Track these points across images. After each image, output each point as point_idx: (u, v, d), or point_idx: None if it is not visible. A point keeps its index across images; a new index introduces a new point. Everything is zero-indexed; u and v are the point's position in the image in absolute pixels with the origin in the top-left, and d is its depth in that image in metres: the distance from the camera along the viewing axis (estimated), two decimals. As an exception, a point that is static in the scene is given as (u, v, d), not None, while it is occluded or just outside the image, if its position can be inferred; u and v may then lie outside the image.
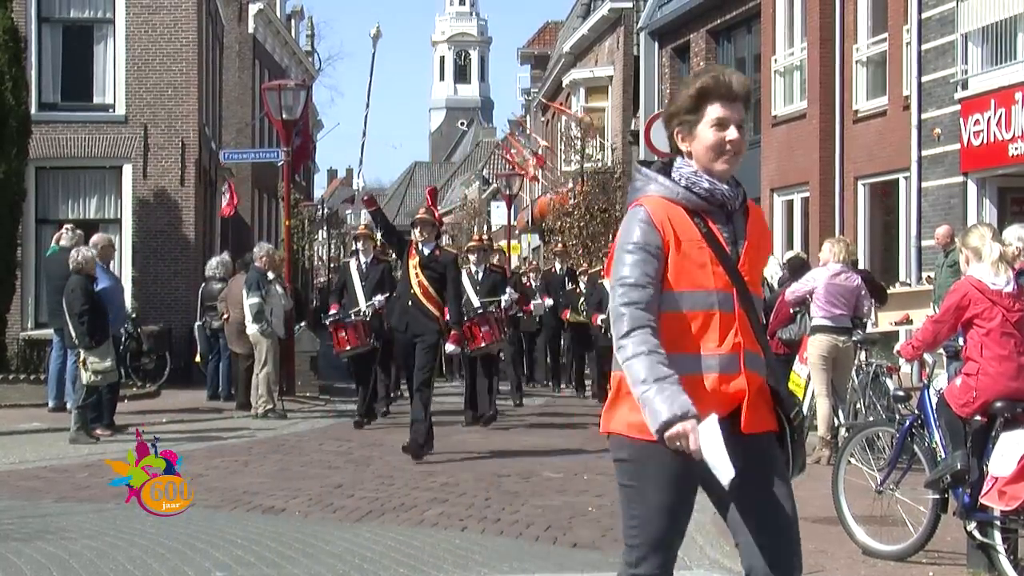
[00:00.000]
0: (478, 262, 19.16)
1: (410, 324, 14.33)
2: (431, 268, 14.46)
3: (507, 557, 8.99)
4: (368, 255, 18.28)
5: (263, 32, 48.59)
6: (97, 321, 15.68)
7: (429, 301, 14.40)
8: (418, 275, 14.41)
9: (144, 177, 28.29)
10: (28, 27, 27.48)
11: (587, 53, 45.95)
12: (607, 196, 37.41)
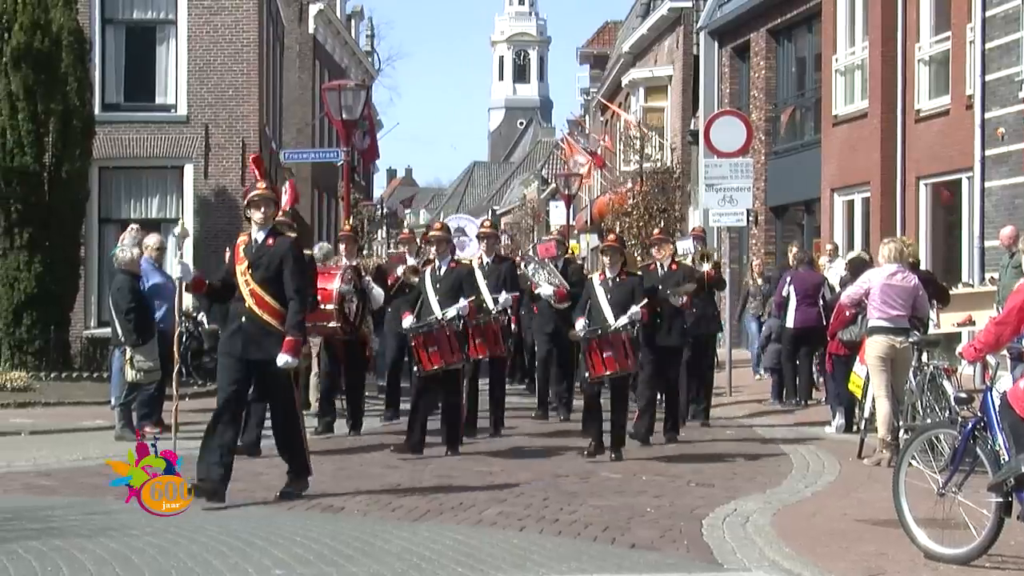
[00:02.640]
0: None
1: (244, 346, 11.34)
2: (260, 265, 11.37)
3: (565, 557, 8.97)
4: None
5: (323, 32, 48.73)
6: (143, 319, 15.82)
7: (266, 311, 11.34)
8: (248, 281, 11.37)
9: (205, 177, 28.49)
10: (92, 28, 27.73)
11: (646, 53, 45.81)
12: (666, 196, 37.28)
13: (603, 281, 14.71)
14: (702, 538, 9.77)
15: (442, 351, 14.40)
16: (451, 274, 15.00)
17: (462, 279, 15.03)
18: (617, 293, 14.48)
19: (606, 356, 14.05)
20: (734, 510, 10.95)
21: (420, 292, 15.13)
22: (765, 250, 31.97)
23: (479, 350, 15.90)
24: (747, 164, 23.18)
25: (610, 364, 14.06)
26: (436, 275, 15.01)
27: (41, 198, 23.64)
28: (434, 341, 14.42)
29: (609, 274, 14.72)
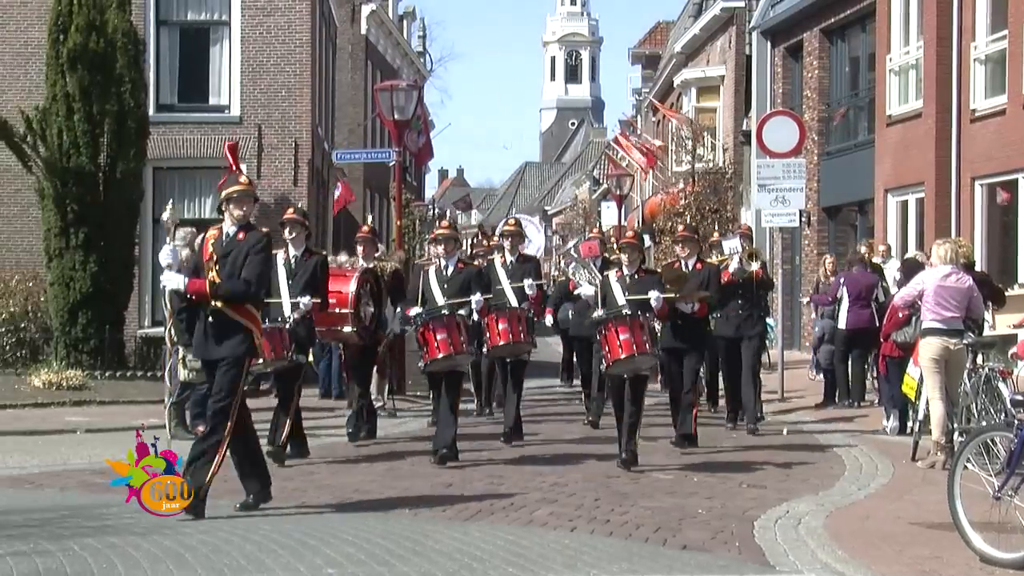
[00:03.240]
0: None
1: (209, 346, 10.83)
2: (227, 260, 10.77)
3: (616, 558, 8.96)
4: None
5: (375, 33, 48.86)
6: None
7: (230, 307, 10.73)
8: (214, 277, 10.76)
9: (258, 177, 28.55)
10: (146, 29, 27.92)
11: (698, 53, 45.70)
12: (718, 196, 37.18)
13: (620, 278, 14.27)
14: (754, 540, 9.74)
15: (452, 340, 13.84)
16: (459, 275, 14.57)
17: (471, 280, 14.57)
18: (634, 290, 14.06)
19: (623, 339, 13.49)
20: (786, 512, 10.91)
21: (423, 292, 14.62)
22: (817, 251, 31.80)
23: (503, 336, 15.19)
24: (800, 164, 23.09)
25: (626, 346, 13.45)
26: (443, 275, 14.58)
27: (96, 198, 23.80)
28: (443, 329, 13.88)
29: (627, 271, 14.33)
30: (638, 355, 13.52)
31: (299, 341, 14.20)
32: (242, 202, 10.96)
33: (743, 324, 17.50)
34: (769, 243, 29.59)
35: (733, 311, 17.42)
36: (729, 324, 17.52)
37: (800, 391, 22.20)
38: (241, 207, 10.93)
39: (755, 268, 17.65)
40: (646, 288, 13.93)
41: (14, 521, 10.13)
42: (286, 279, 14.32)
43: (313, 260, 14.47)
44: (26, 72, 27.98)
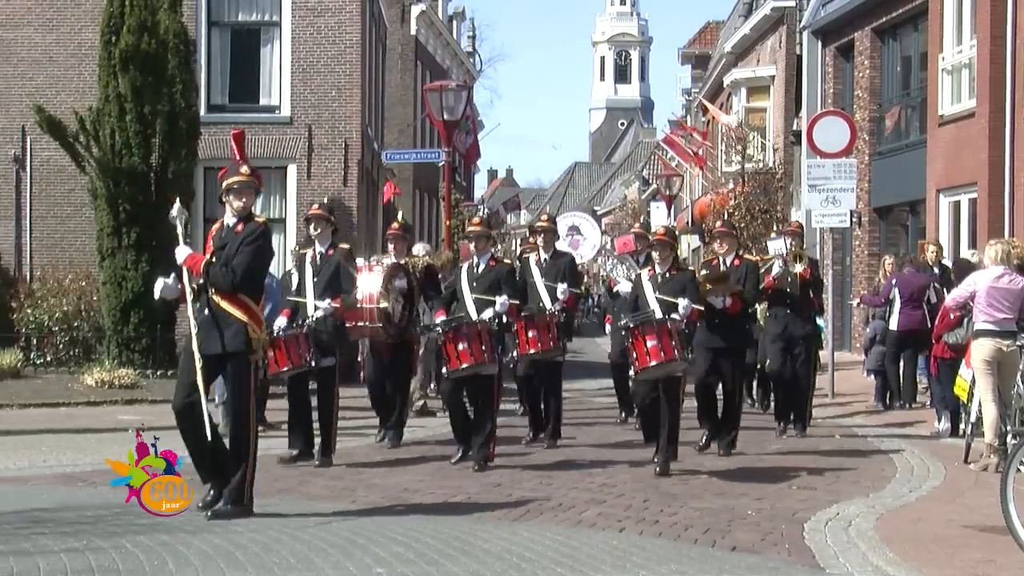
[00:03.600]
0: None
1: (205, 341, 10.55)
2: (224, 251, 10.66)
3: (665, 559, 8.95)
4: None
5: (425, 33, 48.96)
6: None
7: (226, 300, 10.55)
8: None
9: (308, 177, 28.75)
10: (198, 30, 28.10)
11: (749, 52, 45.57)
12: (768, 197, 37.00)
13: (652, 276, 13.80)
14: (804, 542, 9.70)
15: (473, 350, 13.41)
16: (489, 273, 14.07)
17: (501, 278, 14.02)
18: (666, 289, 13.57)
19: (650, 346, 13.00)
20: (836, 514, 10.87)
21: (454, 291, 14.37)
22: (868, 252, 31.65)
23: (531, 344, 14.74)
24: (851, 165, 22.98)
25: (654, 354, 12.95)
26: (473, 273, 14.16)
27: (148, 198, 23.94)
28: (464, 338, 13.46)
29: (659, 269, 13.81)
30: (667, 362, 13.03)
31: (321, 344, 13.90)
32: (242, 193, 10.74)
33: (791, 324, 16.99)
34: (819, 243, 29.43)
35: (781, 312, 17.05)
36: (777, 325, 17.19)
37: (851, 392, 22.10)
38: (241, 198, 10.72)
39: (799, 269, 17.07)
40: (678, 287, 13.54)
41: (68, 518, 10.22)
42: (312, 277, 14.06)
43: (337, 255, 14.16)
44: (79, 73, 28.23)
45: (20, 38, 28.91)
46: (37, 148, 27.52)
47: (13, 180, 28.43)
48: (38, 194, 28.01)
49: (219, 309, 10.44)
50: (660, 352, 12.97)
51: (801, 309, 17.14)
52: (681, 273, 13.92)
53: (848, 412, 20.30)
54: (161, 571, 8.18)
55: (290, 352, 13.67)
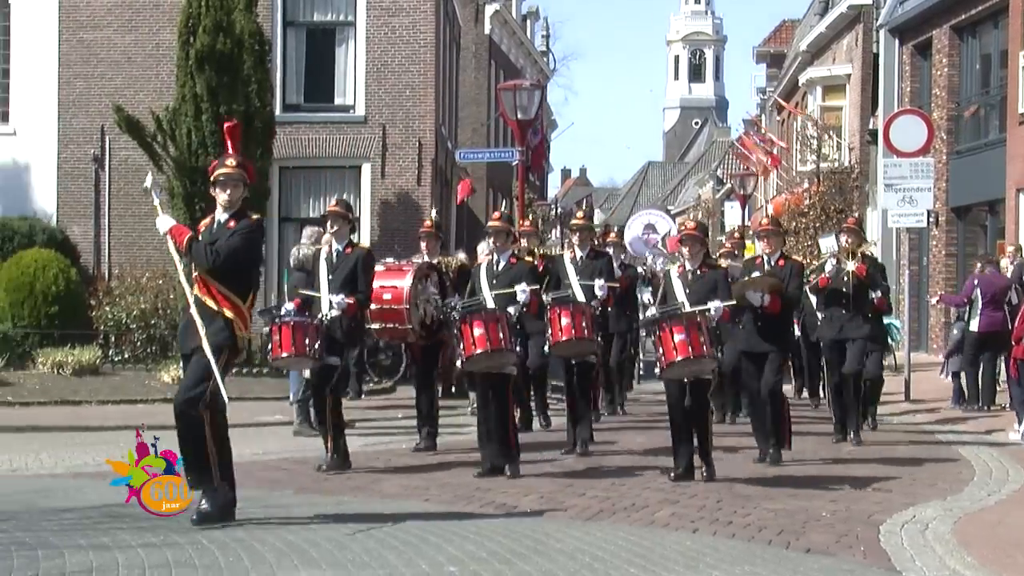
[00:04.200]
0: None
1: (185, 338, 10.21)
2: None
3: (739, 560, 8.91)
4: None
5: (499, 33, 49.02)
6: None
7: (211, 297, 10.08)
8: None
9: (382, 176, 28.88)
10: (273, 30, 28.29)
11: (824, 51, 45.27)
12: (844, 196, 36.78)
13: (682, 274, 13.14)
14: (879, 544, 9.62)
15: (491, 335, 12.58)
16: (509, 270, 13.51)
17: (523, 276, 13.40)
18: (696, 288, 12.91)
19: (678, 340, 12.27)
20: (913, 517, 10.77)
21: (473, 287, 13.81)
22: (946, 252, 31.36)
23: (565, 331, 13.81)
24: (928, 164, 22.80)
25: (682, 348, 12.25)
26: (493, 270, 13.62)
27: (223, 197, 24.07)
28: (481, 322, 12.66)
29: (689, 267, 13.13)
30: (694, 358, 12.37)
31: (333, 342, 13.30)
32: (228, 185, 10.18)
33: (847, 326, 16.17)
34: (896, 243, 29.21)
35: (837, 312, 16.28)
36: (832, 326, 16.36)
37: (928, 394, 21.91)
38: (227, 190, 10.17)
39: (851, 267, 16.18)
40: (709, 286, 12.90)
41: (145, 514, 10.31)
42: (327, 274, 13.51)
43: (354, 255, 13.53)
44: (157, 73, 28.52)
45: (100, 39, 29.24)
46: (116, 147, 27.85)
47: (92, 179, 28.80)
48: (116, 193, 28.33)
49: (206, 307, 9.89)
50: (688, 347, 12.30)
51: (859, 309, 16.30)
52: (712, 271, 13.30)
53: (925, 414, 20.13)
54: (236, 567, 8.25)
55: (296, 338, 12.82)
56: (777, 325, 14.29)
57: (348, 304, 13.17)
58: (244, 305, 10.06)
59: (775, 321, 14.21)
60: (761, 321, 14.11)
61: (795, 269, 14.67)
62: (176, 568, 8.15)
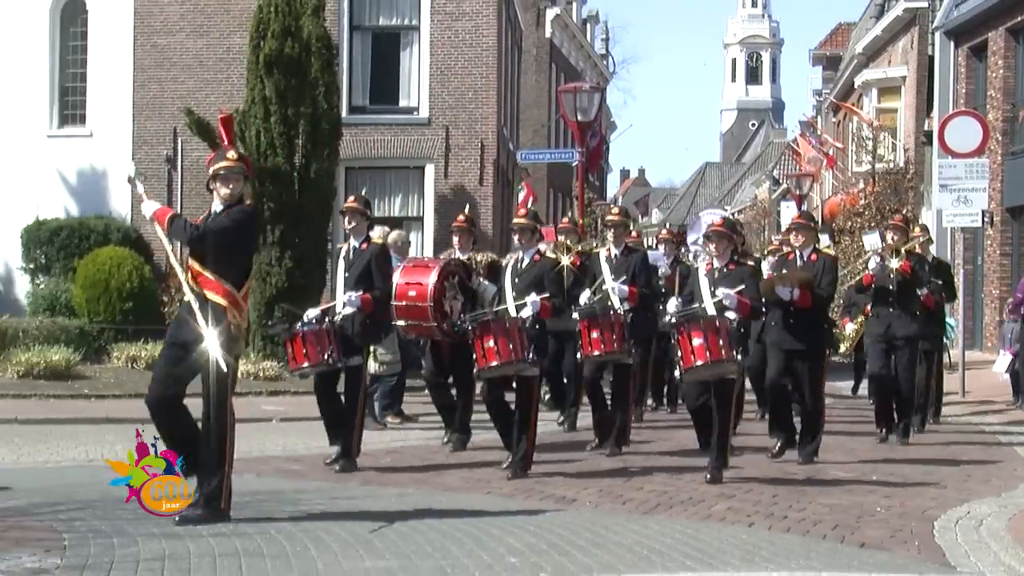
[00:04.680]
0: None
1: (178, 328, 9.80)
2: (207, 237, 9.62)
3: (794, 554, 8.87)
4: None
5: (560, 36, 49.02)
6: (383, 313, 15.45)
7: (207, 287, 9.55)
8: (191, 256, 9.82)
9: (445, 176, 28.95)
10: (340, 35, 28.44)
11: (880, 53, 44.97)
12: (898, 197, 36.54)
13: (708, 272, 12.54)
14: (934, 540, 9.54)
15: (500, 347, 12.08)
16: (532, 268, 12.89)
17: (544, 274, 12.82)
18: (723, 284, 12.22)
19: (696, 345, 11.77)
20: (967, 512, 10.67)
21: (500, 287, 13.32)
22: (1000, 251, 31.07)
23: (595, 345, 13.41)
24: (983, 164, 22.59)
25: (700, 353, 11.75)
26: (517, 268, 13.03)
27: (291, 197, 24.22)
28: (491, 335, 12.13)
29: (716, 264, 12.53)
30: (712, 363, 11.82)
31: (349, 341, 12.82)
32: (229, 179, 9.68)
33: (894, 323, 15.54)
34: (950, 243, 28.95)
35: (884, 310, 15.73)
36: (880, 323, 15.73)
37: (983, 391, 21.70)
38: (228, 185, 9.68)
39: (895, 265, 15.50)
40: (735, 283, 12.19)
41: (214, 505, 10.40)
42: (343, 272, 13.16)
43: (369, 251, 13.08)
44: (228, 76, 28.75)
45: (173, 44, 29.50)
46: (188, 149, 28.08)
47: (165, 179, 29.04)
48: (188, 192, 28.54)
49: (202, 298, 9.47)
50: (706, 352, 11.78)
51: (906, 307, 15.67)
52: (740, 268, 12.58)
53: (980, 411, 19.95)
54: (303, 556, 8.29)
55: (308, 348, 12.57)
56: (809, 321, 13.70)
57: (363, 299, 12.80)
58: (239, 294, 9.58)
59: (806, 316, 13.64)
60: (793, 318, 13.59)
61: (828, 264, 14.04)
62: (245, 557, 8.22)
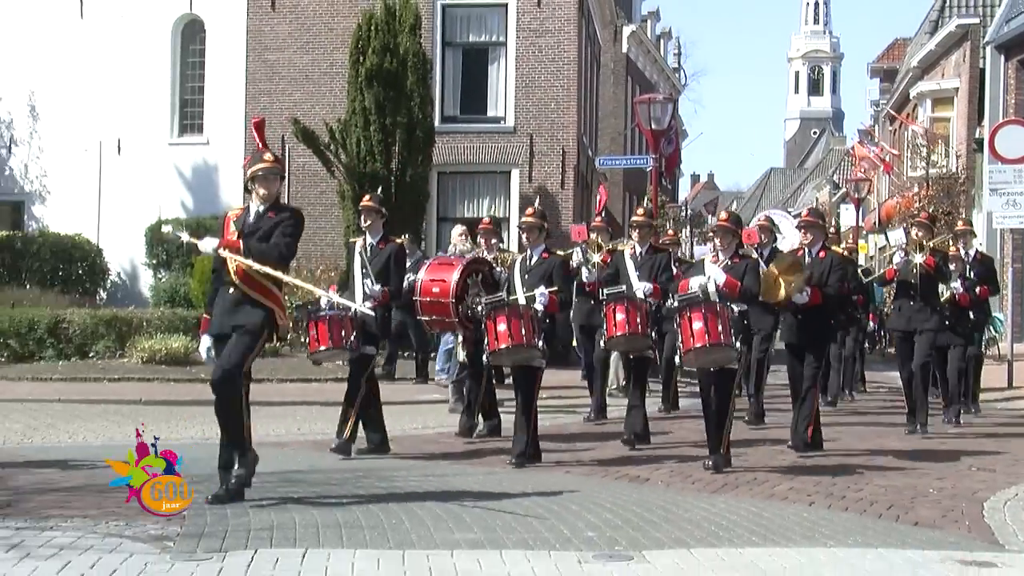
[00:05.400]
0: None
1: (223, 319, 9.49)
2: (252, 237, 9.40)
3: (851, 531, 8.78)
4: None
5: (635, 51, 48.86)
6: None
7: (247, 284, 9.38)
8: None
9: (529, 180, 28.95)
10: (433, 51, 28.54)
11: (934, 67, 44.39)
12: (951, 200, 36.10)
13: (632, 256, 12.30)
14: (983, 519, 9.42)
15: (513, 331, 11.62)
16: (541, 266, 12.48)
17: (553, 271, 12.41)
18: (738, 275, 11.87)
19: (695, 328, 11.31)
20: (1015, 495, 10.52)
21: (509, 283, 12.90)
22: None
23: (619, 326, 12.77)
24: (1032, 170, 22.28)
25: (699, 336, 11.26)
26: (526, 265, 12.62)
27: (388, 200, 24.31)
28: (504, 318, 11.69)
29: (721, 257, 12.10)
30: (710, 345, 11.32)
31: (368, 332, 12.44)
32: (268, 180, 9.49)
33: (915, 317, 14.89)
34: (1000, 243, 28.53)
35: (906, 303, 15.00)
36: (901, 317, 15.14)
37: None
38: (267, 186, 9.48)
39: (919, 260, 14.79)
40: (738, 274, 11.82)
41: (318, 479, 10.49)
42: (360, 268, 12.81)
43: (388, 248, 12.74)
44: (331, 89, 28.92)
45: (282, 60, 29.74)
46: (294, 155, 28.26)
47: (274, 183, 29.21)
48: (295, 195, 28.73)
49: (244, 295, 9.31)
50: (705, 335, 11.26)
51: (927, 301, 14.95)
52: (743, 260, 12.21)
53: None
54: (398, 528, 8.33)
55: (332, 332, 12.20)
56: (816, 317, 13.12)
57: (383, 293, 12.57)
58: (280, 293, 9.61)
59: (814, 313, 13.05)
60: (801, 314, 13.05)
61: (836, 261, 13.49)
62: (345, 528, 8.27)
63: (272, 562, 7.24)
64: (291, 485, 10.01)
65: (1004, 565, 7.80)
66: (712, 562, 7.60)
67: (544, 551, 7.74)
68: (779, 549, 8.04)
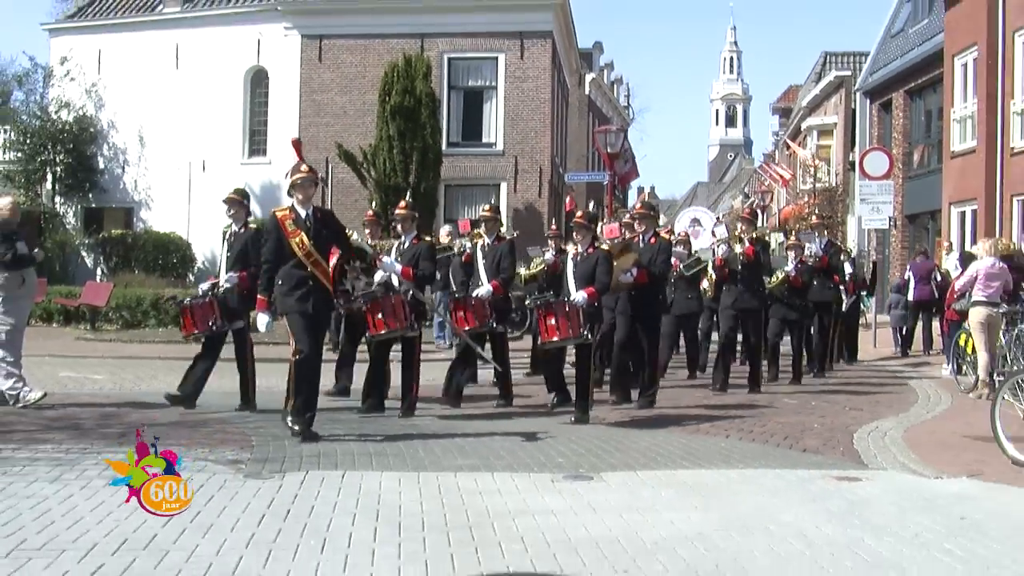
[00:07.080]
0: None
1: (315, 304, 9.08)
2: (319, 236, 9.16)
3: (757, 457, 8.83)
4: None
5: (595, 93, 48.75)
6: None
7: (320, 271, 9.15)
8: (310, 253, 9.05)
9: (514, 191, 28.97)
10: (441, 92, 28.52)
11: (819, 107, 44.43)
12: (832, 207, 36.29)
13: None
14: (853, 446, 9.48)
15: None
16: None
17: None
18: (583, 267, 10.84)
19: (549, 324, 10.47)
20: (875, 427, 10.60)
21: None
22: (901, 246, 30.73)
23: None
24: (890, 185, 22.40)
25: (551, 331, 10.46)
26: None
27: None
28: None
29: (580, 249, 11.00)
30: (560, 339, 10.53)
31: (231, 310, 11.04)
32: (305, 186, 9.12)
33: (740, 298, 13.69)
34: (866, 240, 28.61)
35: (732, 286, 13.76)
36: (728, 296, 13.85)
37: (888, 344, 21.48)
38: (304, 191, 9.12)
39: (739, 249, 13.72)
40: (591, 263, 10.80)
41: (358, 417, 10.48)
42: (225, 252, 11.33)
43: (246, 233, 11.18)
44: (363, 122, 28.85)
45: (326, 100, 29.67)
46: (335, 172, 28.21)
47: (319, 195, 29.14)
48: (335, 204, 28.60)
49: (319, 280, 9.07)
50: (556, 330, 10.48)
51: (750, 283, 13.78)
52: (596, 251, 10.97)
53: (884, 356, 19.76)
54: (415, 455, 8.37)
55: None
56: (648, 293, 12.01)
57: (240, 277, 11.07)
58: None
59: (646, 289, 11.95)
60: (635, 291, 11.91)
61: (663, 246, 12.33)
62: (375, 456, 8.30)
63: (319, 480, 7.28)
64: (335, 424, 9.98)
65: (866, 479, 7.91)
66: (653, 480, 7.65)
67: (525, 473, 7.78)
68: (703, 470, 8.09)
